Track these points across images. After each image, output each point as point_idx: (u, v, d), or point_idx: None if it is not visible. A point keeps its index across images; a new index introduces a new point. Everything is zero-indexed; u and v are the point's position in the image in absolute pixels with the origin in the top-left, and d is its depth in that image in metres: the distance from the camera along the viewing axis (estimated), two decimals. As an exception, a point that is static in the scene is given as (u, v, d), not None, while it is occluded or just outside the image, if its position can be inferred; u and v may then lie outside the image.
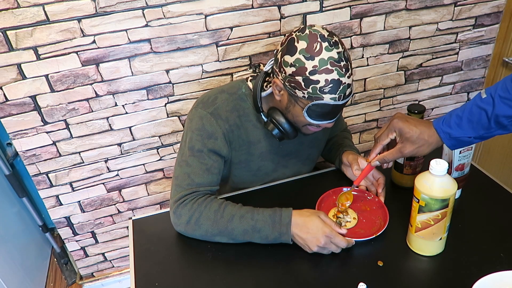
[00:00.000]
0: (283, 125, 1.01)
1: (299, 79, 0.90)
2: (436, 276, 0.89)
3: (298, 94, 0.92)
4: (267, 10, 1.44)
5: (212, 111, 1.04)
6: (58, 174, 1.55)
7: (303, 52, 0.88)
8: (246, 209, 1.00)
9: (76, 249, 1.76)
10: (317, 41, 0.88)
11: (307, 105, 0.93)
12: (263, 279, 0.92)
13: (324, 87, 0.89)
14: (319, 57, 0.87)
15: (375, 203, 1.08)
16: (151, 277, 0.95)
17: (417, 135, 0.88)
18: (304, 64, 0.88)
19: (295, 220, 0.96)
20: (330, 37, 0.89)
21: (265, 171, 1.19)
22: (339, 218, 1.04)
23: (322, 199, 1.09)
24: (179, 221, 1.01)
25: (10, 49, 1.27)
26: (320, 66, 0.88)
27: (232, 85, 1.11)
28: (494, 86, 0.82)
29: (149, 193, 1.72)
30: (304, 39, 0.89)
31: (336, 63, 0.88)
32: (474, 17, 1.71)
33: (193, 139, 1.05)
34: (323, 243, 0.92)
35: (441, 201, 0.84)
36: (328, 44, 0.88)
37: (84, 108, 1.45)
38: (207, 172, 1.04)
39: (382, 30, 1.62)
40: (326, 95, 0.90)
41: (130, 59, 1.40)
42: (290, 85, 0.92)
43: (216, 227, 0.98)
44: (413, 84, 1.81)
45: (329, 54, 0.88)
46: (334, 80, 0.88)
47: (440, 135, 0.87)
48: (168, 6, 1.34)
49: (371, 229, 1.00)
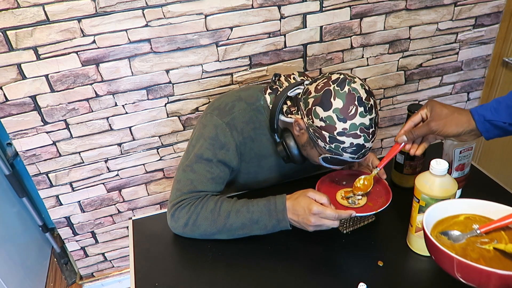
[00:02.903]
0: (293, 152, 1.01)
1: (325, 134, 0.89)
2: (436, 276, 0.89)
3: (319, 144, 0.92)
4: (267, 10, 1.44)
5: (228, 121, 1.02)
6: (58, 174, 1.55)
7: (337, 111, 0.86)
8: (240, 203, 0.99)
9: (76, 249, 1.76)
10: (354, 104, 0.86)
11: (325, 154, 0.93)
12: (263, 279, 0.91)
13: (347, 148, 0.89)
14: (351, 122, 0.86)
15: (378, 184, 1.05)
16: (151, 277, 0.95)
17: (447, 110, 0.85)
18: (334, 124, 0.87)
19: (288, 205, 0.95)
20: (367, 100, 0.87)
21: (271, 182, 1.19)
22: (351, 197, 1.01)
23: (322, 180, 1.06)
24: (177, 224, 1.01)
25: (10, 49, 1.27)
26: (350, 130, 0.87)
27: (251, 94, 1.07)
28: None
29: (149, 193, 1.72)
30: (342, 98, 0.86)
31: (366, 130, 0.88)
32: (474, 17, 1.71)
33: (203, 147, 1.02)
34: (313, 221, 0.90)
35: (441, 201, 0.84)
36: (364, 110, 0.86)
37: (84, 108, 1.45)
38: (212, 181, 1.03)
39: (382, 30, 1.62)
40: (347, 154, 0.90)
41: (130, 59, 1.40)
42: (314, 134, 0.91)
43: (214, 226, 0.98)
44: (413, 84, 1.81)
45: (362, 120, 0.86)
46: (359, 144, 0.88)
47: (474, 116, 0.83)
48: (168, 6, 1.34)
49: (373, 207, 0.98)
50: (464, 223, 0.76)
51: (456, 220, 0.77)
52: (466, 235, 0.72)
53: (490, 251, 0.69)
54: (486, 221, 0.75)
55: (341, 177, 1.09)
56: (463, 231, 0.73)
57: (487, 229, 0.72)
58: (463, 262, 0.62)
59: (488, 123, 0.82)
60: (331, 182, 1.08)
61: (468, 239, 0.72)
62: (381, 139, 1.93)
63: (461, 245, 0.71)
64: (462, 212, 0.78)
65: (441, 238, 0.73)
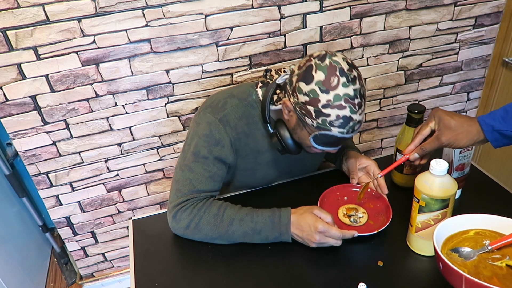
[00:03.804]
0: (287, 141, 1.00)
1: (310, 109, 0.88)
2: (436, 276, 0.89)
3: (307, 121, 0.91)
4: (267, 10, 1.44)
5: (221, 118, 1.02)
6: (58, 174, 1.55)
7: (319, 84, 0.86)
8: (245, 212, 1.00)
9: (76, 249, 1.76)
10: (336, 75, 0.85)
11: (314, 132, 0.92)
12: (263, 279, 0.92)
13: (334, 121, 0.88)
14: (335, 92, 0.85)
15: (378, 200, 1.08)
16: (151, 277, 0.95)
17: (455, 122, 0.85)
18: (318, 96, 0.86)
19: (292, 219, 0.96)
20: (349, 71, 0.87)
21: (270, 179, 1.19)
22: (353, 216, 1.03)
23: (324, 195, 1.08)
24: (178, 225, 1.01)
25: (10, 49, 1.27)
26: (334, 101, 0.86)
27: (243, 90, 1.08)
28: None
29: (149, 193, 1.72)
30: (323, 70, 0.86)
31: (350, 100, 0.86)
32: (474, 17, 1.71)
33: (199, 144, 1.02)
34: (318, 239, 0.92)
35: (441, 201, 0.84)
36: (346, 80, 0.86)
37: (84, 108, 1.45)
38: (210, 179, 1.03)
39: (382, 30, 1.62)
40: (335, 128, 0.89)
41: (130, 59, 1.40)
42: (301, 111, 0.91)
43: (216, 231, 0.98)
44: (413, 84, 1.81)
45: (345, 90, 0.86)
46: (346, 116, 0.87)
47: (483, 127, 0.82)
48: (168, 6, 1.34)
49: (374, 225, 1.00)
50: (474, 238, 0.74)
51: (466, 236, 0.75)
52: (477, 252, 0.71)
53: (503, 268, 0.68)
54: (497, 236, 0.73)
55: (342, 192, 1.11)
56: (473, 248, 0.72)
57: (498, 245, 0.70)
58: (476, 282, 0.60)
59: (497, 133, 0.82)
60: (333, 197, 1.10)
61: (480, 256, 0.70)
62: (381, 139, 1.93)
63: (473, 262, 0.69)
64: (472, 227, 0.76)
65: (452, 255, 0.71)
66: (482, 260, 0.70)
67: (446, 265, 0.64)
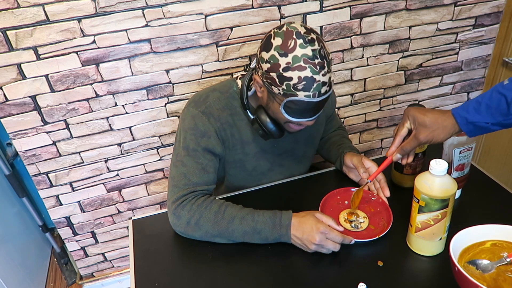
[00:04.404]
0: (267, 125, 1.01)
1: (273, 76, 0.90)
2: (436, 276, 0.89)
3: (274, 91, 0.93)
4: (267, 10, 1.44)
5: (203, 110, 1.05)
6: (58, 174, 1.55)
7: (277, 48, 0.89)
8: (246, 211, 1.00)
9: (76, 249, 1.76)
10: (292, 38, 0.88)
11: (283, 101, 0.93)
12: (263, 279, 0.92)
13: (297, 84, 0.89)
14: (293, 54, 0.88)
15: (379, 204, 1.08)
16: (151, 277, 0.95)
17: (429, 119, 0.87)
18: (278, 61, 0.89)
19: (293, 221, 0.96)
20: (307, 34, 0.89)
21: (261, 171, 1.19)
22: (354, 221, 1.03)
23: (325, 199, 1.08)
24: (179, 222, 1.01)
25: (10, 49, 1.27)
26: (293, 63, 0.88)
27: (224, 84, 1.12)
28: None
29: (149, 193, 1.72)
30: (280, 36, 0.89)
31: (310, 60, 0.88)
32: (474, 17, 1.71)
33: (186, 138, 1.05)
34: (318, 240, 0.92)
35: (441, 201, 0.84)
36: (303, 41, 0.88)
37: (84, 108, 1.45)
38: (203, 171, 1.05)
39: (382, 30, 1.62)
40: (300, 92, 0.90)
41: (130, 59, 1.40)
42: (267, 82, 0.93)
43: (216, 228, 0.98)
44: (413, 84, 1.81)
45: (303, 51, 0.87)
46: (308, 77, 0.88)
47: (457, 119, 0.85)
48: (168, 6, 1.34)
49: (375, 230, 1.01)
50: (492, 250, 0.73)
51: (482, 247, 0.74)
52: (495, 264, 0.69)
53: None
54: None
55: (343, 196, 1.11)
56: (491, 260, 0.70)
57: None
58: None
59: (471, 125, 0.84)
60: (334, 202, 1.10)
61: (498, 268, 0.69)
62: (381, 139, 1.93)
63: (491, 275, 0.68)
64: (488, 239, 0.75)
65: (469, 268, 0.69)
66: (501, 273, 0.68)
67: (466, 279, 0.62)
